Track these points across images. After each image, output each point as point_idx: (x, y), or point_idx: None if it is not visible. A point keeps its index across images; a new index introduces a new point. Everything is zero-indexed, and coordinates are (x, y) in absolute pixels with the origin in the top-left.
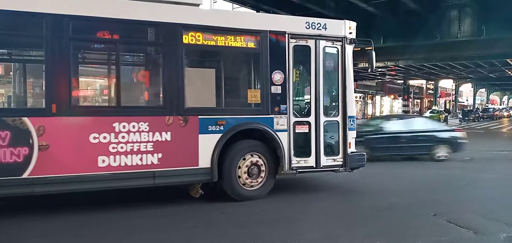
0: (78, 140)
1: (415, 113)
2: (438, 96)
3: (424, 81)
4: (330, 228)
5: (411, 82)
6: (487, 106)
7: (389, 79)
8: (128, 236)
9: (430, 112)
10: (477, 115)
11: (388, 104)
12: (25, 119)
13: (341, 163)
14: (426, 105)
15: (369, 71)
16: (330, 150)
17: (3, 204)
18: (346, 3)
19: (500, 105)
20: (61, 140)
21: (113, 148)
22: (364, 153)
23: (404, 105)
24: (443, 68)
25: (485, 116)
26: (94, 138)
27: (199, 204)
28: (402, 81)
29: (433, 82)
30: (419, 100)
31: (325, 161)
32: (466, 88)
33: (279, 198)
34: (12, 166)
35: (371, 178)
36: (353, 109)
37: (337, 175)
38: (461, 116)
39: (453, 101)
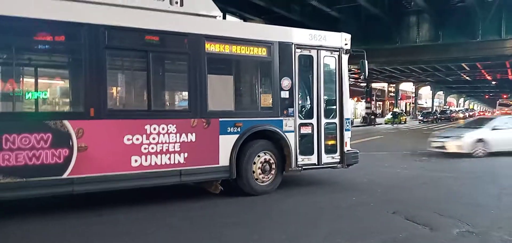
0: (113, 142)
1: (378, 115)
2: (399, 98)
3: (386, 84)
4: (291, 229)
5: (374, 85)
6: (445, 108)
7: (352, 82)
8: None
9: (392, 114)
10: (435, 116)
11: (351, 106)
12: (66, 122)
13: (338, 160)
14: (388, 108)
15: (361, 77)
16: (330, 148)
17: None
18: (311, 8)
19: (457, 107)
20: (98, 142)
21: (145, 148)
22: (358, 151)
23: (367, 107)
24: (404, 71)
25: (443, 118)
26: (128, 139)
27: (164, 208)
28: (365, 84)
29: (394, 85)
30: (381, 102)
31: (325, 158)
32: (425, 91)
33: (243, 201)
34: (53, 167)
35: (332, 178)
36: (348, 112)
37: (299, 174)
38: (421, 118)
39: (413, 103)
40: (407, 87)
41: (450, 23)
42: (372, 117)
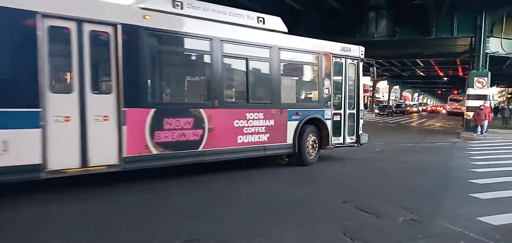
0: (228, 124)
1: None
2: None
3: None
4: (245, 218)
5: None
6: (400, 102)
7: None
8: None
9: None
10: (391, 110)
11: None
12: (201, 110)
13: (355, 140)
14: None
15: (370, 79)
16: (350, 132)
17: None
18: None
19: (412, 101)
20: (219, 124)
21: (245, 130)
22: (367, 134)
23: None
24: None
25: (398, 111)
26: (236, 123)
27: (124, 195)
28: None
29: None
30: None
31: (348, 139)
32: (383, 85)
33: (200, 189)
34: (193, 142)
35: (288, 168)
36: (362, 104)
37: (259, 163)
38: (377, 111)
39: (370, 97)
40: (365, 81)
41: (406, 20)
42: None
